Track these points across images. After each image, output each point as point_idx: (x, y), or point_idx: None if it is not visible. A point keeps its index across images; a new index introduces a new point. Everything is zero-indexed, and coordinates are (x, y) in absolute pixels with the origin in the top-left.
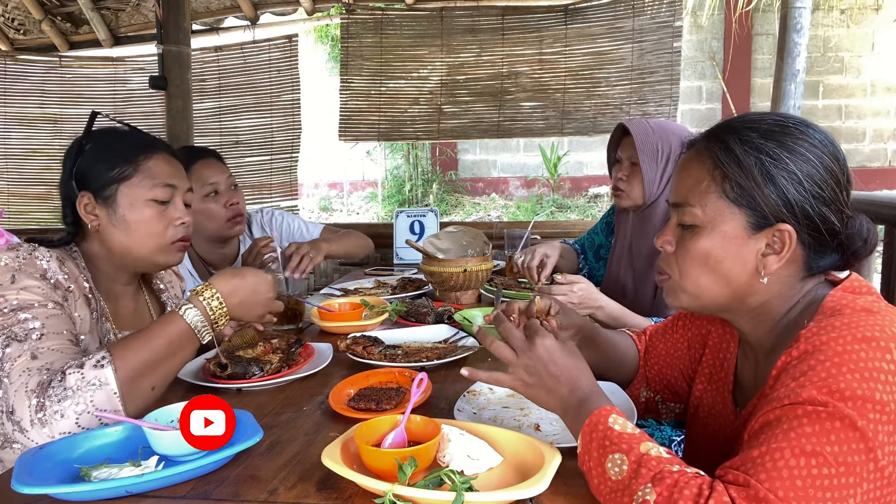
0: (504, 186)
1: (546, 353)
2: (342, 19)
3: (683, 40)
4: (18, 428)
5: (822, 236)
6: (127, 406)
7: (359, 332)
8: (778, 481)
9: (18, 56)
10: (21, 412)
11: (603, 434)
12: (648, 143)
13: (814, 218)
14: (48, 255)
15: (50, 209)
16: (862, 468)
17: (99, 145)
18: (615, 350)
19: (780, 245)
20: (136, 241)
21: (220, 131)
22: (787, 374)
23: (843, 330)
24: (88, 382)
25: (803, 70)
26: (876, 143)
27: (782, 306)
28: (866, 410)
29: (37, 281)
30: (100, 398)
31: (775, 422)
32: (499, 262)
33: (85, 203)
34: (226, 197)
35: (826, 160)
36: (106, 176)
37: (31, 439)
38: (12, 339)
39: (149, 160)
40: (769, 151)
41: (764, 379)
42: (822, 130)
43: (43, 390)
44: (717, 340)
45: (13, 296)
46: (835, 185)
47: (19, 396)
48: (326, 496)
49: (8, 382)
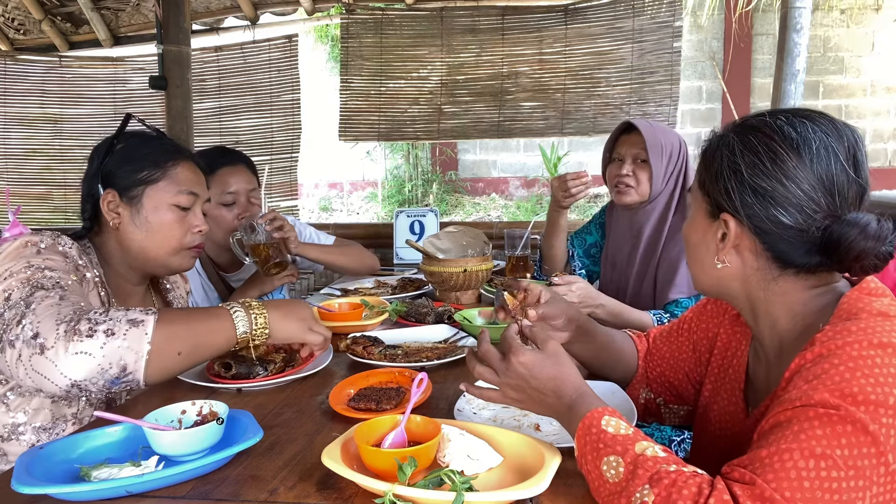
0: (504, 186)
1: (524, 370)
2: (342, 19)
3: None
4: (39, 349)
5: (774, 232)
6: (150, 362)
7: (359, 332)
8: (785, 482)
9: (18, 56)
10: (47, 332)
11: (596, 437)
12: (655, 140)
13: (757, 212)
14: (70, 242)
15: (50, 209)
16: (872, 472)
17: (129, 146)
18: (612, 345)
19: (723, 233)
20: (153, 243)
21: (220, 131)
22: (801, 376)
23: (858, 335)
24: (129, 319)
25: (803, 70)
26: (876, 143)
27: (776, 305)
28: (879, 415)
29: (60, 258)
30: (133, 338)
31: (786, 423)
32: (499, 262)
33: (109, 200)
34: (240, 209)
35: (805, 187)
36: (134, 177)
37: (49, 357)
38: (38, 288)
39: (176, 166)
40: (733, 147)
41: (776, 380)
42: (817, 135)
43: (79, 315)
44: (726, 341)
45: (39, 261)
46: (825, 200)
47: (48, 319)
48: (326, 496)
49: (34, 317)
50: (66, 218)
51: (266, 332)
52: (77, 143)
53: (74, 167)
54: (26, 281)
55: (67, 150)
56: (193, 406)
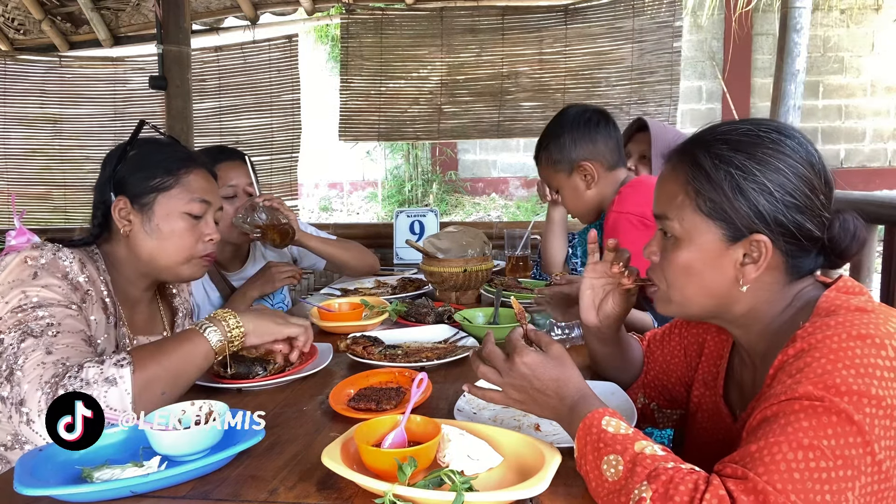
0: (504, 186)
1: (528, 370)
2: (342, 19)
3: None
4: (26, 419)
5: (800, 242)
6: (136, 410)
7: (359, 332)
8: (776, 474)
9: (18, 56)
10: (31, 403)
11: (597, 437)
12: (664, 140)
13: (788, 226)
14: (71, 256)
15: (50, 209)
16: (860, 461)
17: (141, 153)
18: (630, 350)
19: (758, 254)
20: (164, 251)
21: (220, 131)
22: (784, 371)
23: (838, 328)
24: (106, 378)
25: (803, 70)
26: (876, 143)
27: (771, 310)
28: (862, 405)
29: (58, 280)
30: (113, 396)
31: (773, 417)
32: (499, 262)
33: (120, 207)
34: (239, 202)
35: (799, 168)
36: (146, 184)
37: (37, 431)
38: (28, 335)
39: (189, 174)
40: (739, 164)
41: (762, 382)
42: (795, 135)
43: (57, 381)
44: (712, 347)
45: (34, 292)
46: (809, 192)
47: (31, 388)
48: (326, 496)
49: (22, 375)
50: (66, 218)
51: (242, 331)
52: (77, 143)
53: (74, 167)
54: (17, 325)
55: (67, 150)
56: (193, 406)
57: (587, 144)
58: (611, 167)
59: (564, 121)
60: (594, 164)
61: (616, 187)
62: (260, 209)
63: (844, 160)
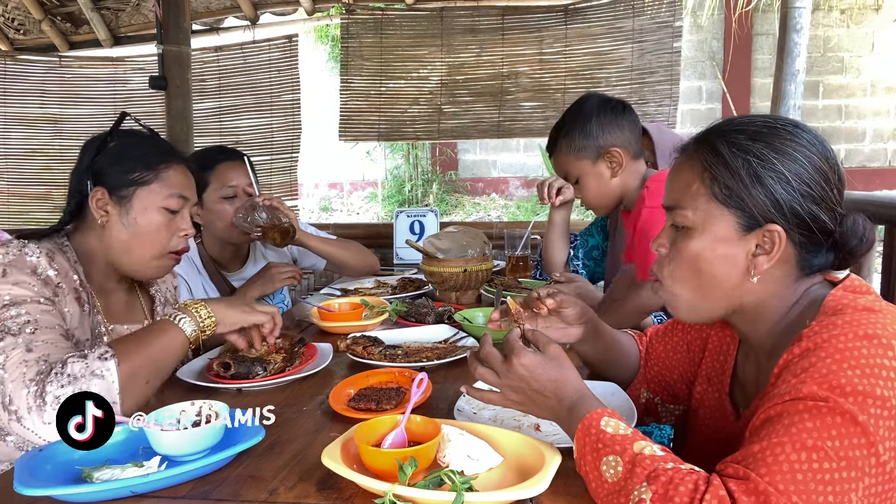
0: (504, 186)
1: (525, 371)
2: (342, 19)
3: (683, 40)
4: (15, 417)
5: (813, 235)
6: (124, 400)
7: (359, 332)
8: (778, 475)
9: (18, 56)
10: (19, 401)
11: (596, 437)
12: (663, 143)
13: (804, 217)
14: (38, 251)
15: (50, 209)
16: (863, 463)
17: (122, 146)
18: (618, 346)
19: (771, 245)
20: (139, 244)
21: (220, 131)
22: (789, 370)
23: (844, 328)
24: (92, 372)
25: (803, 70)
26: (876, 143)
27: (779, 306)
28: (867, 406)
29: (28, 276)
30: (99, 389)
31: (776, 417)
32: (499, 262)
33: (98, 198)
34: (239, 202)
35: (815, 159)
36: (125, 177)
37: (28, 427)
38: (6, 333)
39: (168, 169)
40: (757, 152)
41: (766, 380)
42: (810, 130)
43: (43, 378)
44: (716, 343)
45: (6, 290)
46: (825, 184)
47: (17, 385)
48: (326, 496)
49: (5, 374)
50: None
51: (213, 320)
52: (77, 144)
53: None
54: None
55: (67, 150)
56: (193, 406)
57: (615, 130)
58: (635, 156)
59: (590, 107)
60: (622, 150)
61: (639, 178)
62: (260, 209)
63: (844, 160)
